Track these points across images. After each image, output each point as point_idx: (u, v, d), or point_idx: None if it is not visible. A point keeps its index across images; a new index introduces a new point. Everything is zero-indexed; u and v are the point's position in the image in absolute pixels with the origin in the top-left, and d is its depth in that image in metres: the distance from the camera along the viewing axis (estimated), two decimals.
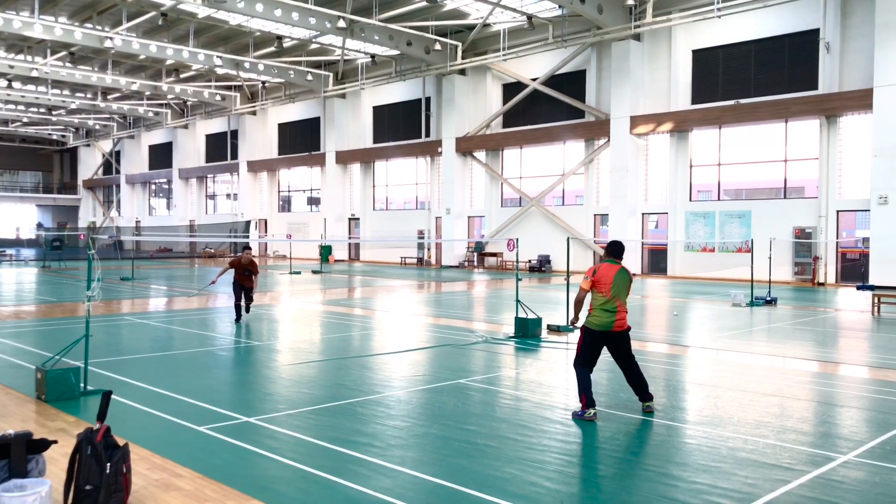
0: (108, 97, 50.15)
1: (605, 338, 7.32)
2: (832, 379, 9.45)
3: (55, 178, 73.92)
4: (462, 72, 35.39)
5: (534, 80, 33.24)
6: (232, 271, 14.83)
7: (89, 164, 67.88)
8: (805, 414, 7.56)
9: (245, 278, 14.66)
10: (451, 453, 6.07)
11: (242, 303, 14.67)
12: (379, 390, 8.49)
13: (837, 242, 25.65)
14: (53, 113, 55.98)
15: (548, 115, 33.27)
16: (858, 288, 23.28)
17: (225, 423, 6.91)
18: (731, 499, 5.06)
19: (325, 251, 40.16)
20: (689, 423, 7.15)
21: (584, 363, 7.31)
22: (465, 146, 35.66)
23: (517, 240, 15.05)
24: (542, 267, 32.55)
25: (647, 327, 14.52)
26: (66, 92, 49.08)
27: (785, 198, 26.92)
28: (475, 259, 36.20)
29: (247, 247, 15.16)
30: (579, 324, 7.61)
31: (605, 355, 7.58)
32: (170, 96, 47.88)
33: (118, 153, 62.93)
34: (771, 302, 18.64)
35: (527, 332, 12.68)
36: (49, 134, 66.80)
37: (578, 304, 7.67)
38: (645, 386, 7.46)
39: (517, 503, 4.95)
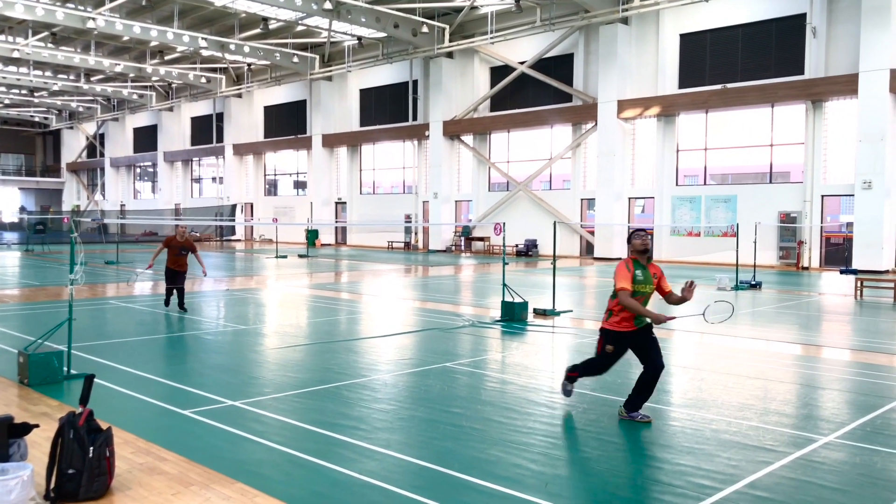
0: (92, 79, 49.57)
1: (632, 338, 6.51)
2: (815, 362, 9.54)
3: (38, 161, 73.13)
4: (449, 55, 35.20)
5: (521, 63, 33.13)
6: (166, 252, 13.46)
7: (73, 146, 67.18)
8: (788, 396, 7.63)
9: (177, 260, 13.30)
10: (436, 436, 6.09)
11: (174, 293, 13.47)
12: (365, 374, 8.49)
13: (822, 227, 25.84)
14: (35, 95, 55.30)
15: (535, 99, 33.20)
16: (842, 272, 23.57)
17: (210, 407, 6.89)
18: (715, 480, 5.10)
19: (312, 235, 40.03)
20: (673, 405, 7.20)
21: (600, 368, 6.77)
22: (453, 130, 35.54)
23: (504, 224, 15.04)
24: (528, 251, 32.60)
25: None
26: (48, 73, 48.47)
27: (770, 182, 27.05)
28: (462, 243, 36.21)
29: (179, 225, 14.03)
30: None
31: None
32: (154, 78, 47.38)
33: (102, 136, 62.30)
34: (756, 286, 18.78)
35: (513, 316, 12.71)
36: (31, 116, 66.03)
37: (634, 307, 6.32)
38: (648, 397, 6.59)
39: (502, 485, 4.97)
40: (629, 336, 6.50)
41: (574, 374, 6.97)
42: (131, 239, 46.67)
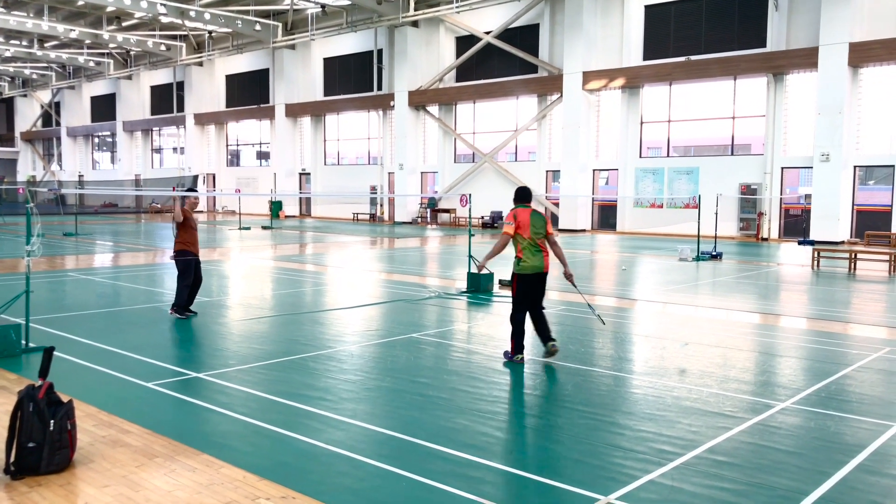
0: (46, 45, 48.02)
1: (536, 280, 7.70)
2: (773, 330, 9.76)
3: None
4: (415, 23, 34.80)
5: (487, 33, 32.90)
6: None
7: (27, 115, 65.24)
8: (747, 364, 7.80)
9: (193, 233, 10.57)
10: (402, 405, 6.12)
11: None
12: (331, 345, 8.47)
13: (781, 199, 26.29)
14: None
15: (501, 70, 33.05)
16: (800, 243, 24.08)
17: (174, 379, 6.83)
18: (676, 445, 5.21)
19: (276, 206, 39.60)
20: (635, 373, 7.32)
21: (522, 311, 7.66)
22: (418, 100, 35.27)
23: (470, 196, 15.02)
24: (494, 223, 32.68)
25: (596, 281, 14.75)
26: None
27: (732, 154, 27.39)
28: (428, 215, 36.14)
29: (190, 189, 10.80)
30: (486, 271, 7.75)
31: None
32: (112, 45, 46.07)
33: (58, 104, 60.59)
34: (716, 256, 19.09)
35: (479, 287, 12.77)
36: None
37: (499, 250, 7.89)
38: (548, 328, 7.81)
39: (468, 453, 5.02)
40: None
41: (513, 342, 7.65)
42: (90, 210, 45.72)
